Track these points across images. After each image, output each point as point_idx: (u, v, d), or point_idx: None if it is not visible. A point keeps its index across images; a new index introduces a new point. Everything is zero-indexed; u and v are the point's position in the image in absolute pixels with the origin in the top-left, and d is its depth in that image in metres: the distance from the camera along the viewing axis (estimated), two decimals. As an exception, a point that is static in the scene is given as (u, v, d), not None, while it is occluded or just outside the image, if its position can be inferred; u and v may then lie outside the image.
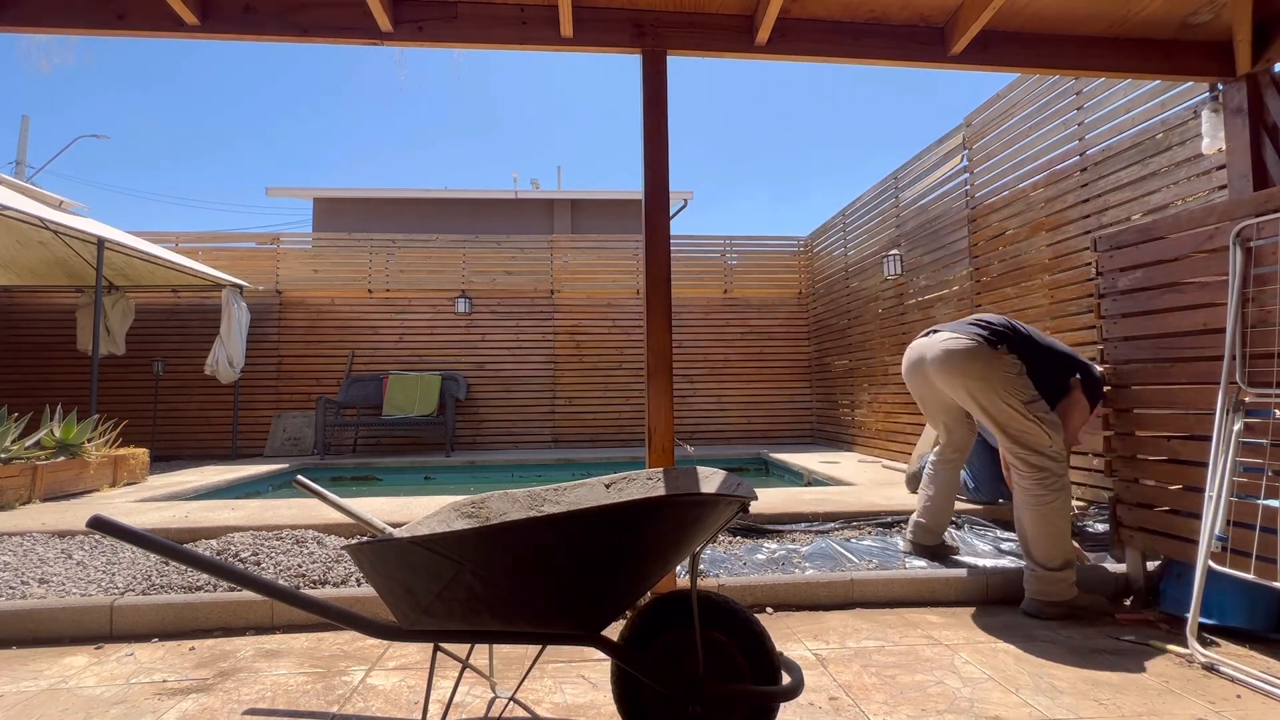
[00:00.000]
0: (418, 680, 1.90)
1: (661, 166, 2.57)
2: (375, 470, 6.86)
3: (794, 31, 2.69)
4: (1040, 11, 2.68)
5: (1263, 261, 2.07)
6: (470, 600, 1.28)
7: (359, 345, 8.12)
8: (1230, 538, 2.07)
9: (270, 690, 1.85)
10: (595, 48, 2.64)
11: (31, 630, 2.25)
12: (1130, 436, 2.57)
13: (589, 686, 1.85)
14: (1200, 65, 2.86)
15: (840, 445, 7.57)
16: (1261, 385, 2.06)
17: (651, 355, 2.51)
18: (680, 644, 1.40)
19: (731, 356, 8.54)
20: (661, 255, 2.55)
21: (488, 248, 8.43)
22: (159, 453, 7.44)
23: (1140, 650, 2.09)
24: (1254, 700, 1.75)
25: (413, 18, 2.58)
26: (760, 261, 8.78)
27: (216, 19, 2.52)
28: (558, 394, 8.28)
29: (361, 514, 1.69)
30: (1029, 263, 4.43)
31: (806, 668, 1.97)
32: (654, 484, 1.64)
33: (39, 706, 1.76)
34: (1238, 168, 2.78)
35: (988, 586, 2.58)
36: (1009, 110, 4.66)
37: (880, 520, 3.45)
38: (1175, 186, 3.39)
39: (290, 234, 8.31)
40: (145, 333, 7.79)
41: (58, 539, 3.14)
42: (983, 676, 1.90)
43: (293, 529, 3.18)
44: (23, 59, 14.99)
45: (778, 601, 2.52)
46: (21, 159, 14.65)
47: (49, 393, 7.52)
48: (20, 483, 4.05)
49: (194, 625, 2.33)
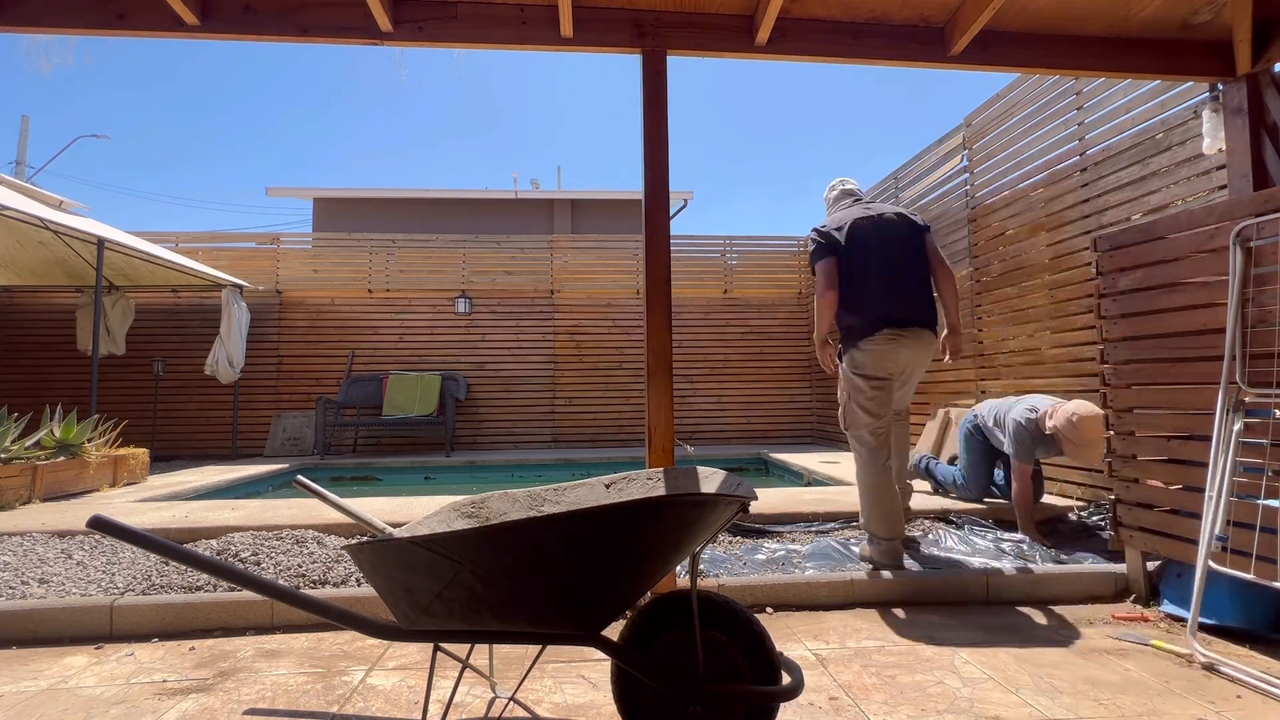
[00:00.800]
0: (418, 680, 1.90)
1: (661, 166, 2.57)
2: (375, 470, 6.86)
3: (794, 31, 2.69)
4: (1040, 11, 2.68)
5: (1263, 261, 2.07)
6: (470, 600, 1.28)
7: (359, 345, 8.12)
8: (1230, 538, 2.07)
9: (270, 690, 1.85)
10: (595, 48, 2.64)
11: (31, 630, 2.26)
12: (1130, 437, 2.57)
13: (589, 686, 1.85)
14: (1200, 65, 2.86)
15: (840, 445, 7.56)
16: (1261, 385, 2.06)
17: (651, 355, 2.51)
18: (680, 644, 1.40)
19: (731, 356, 8.54)
20: (661, 255, 2.55)
21: (487, 248, 8.43)
22: (159, 453, 7.43)
23: (1140, 650, 2.09)
24: (1254, 700, 1.75)
25: (413, 18, 2.58)
26: (760, 261, 8.78)
27: (216, 19, 2.52)
28: (558, 394, 8.28)
29: (361, 514, 1.69)
30: (1029, 263, 4.43)
31: (806, 667, 1.97)
32: (654, 484, 1.64)
33: (39, 706, 1.76)
34: (1238, 168, 2.78)
35: (988, 586, 2.58)
36: (1009, 110, 4.66)
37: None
38: (1175, 186, 3.39)
39: (290, 234, 8.31)
40: (145, 333, 7.79)
41: (58, 539, 3.14)
42: (983, 676, 1.90)
43: (293, 529, 3.18)
44: (23, 59, 15.01)
45: (778, 601, 2.52)
46: (21, 159, 14.65)
47: (49, 393, 7.52)
48: (20, 483, 4.05)
49: (194, 625, 2.33)
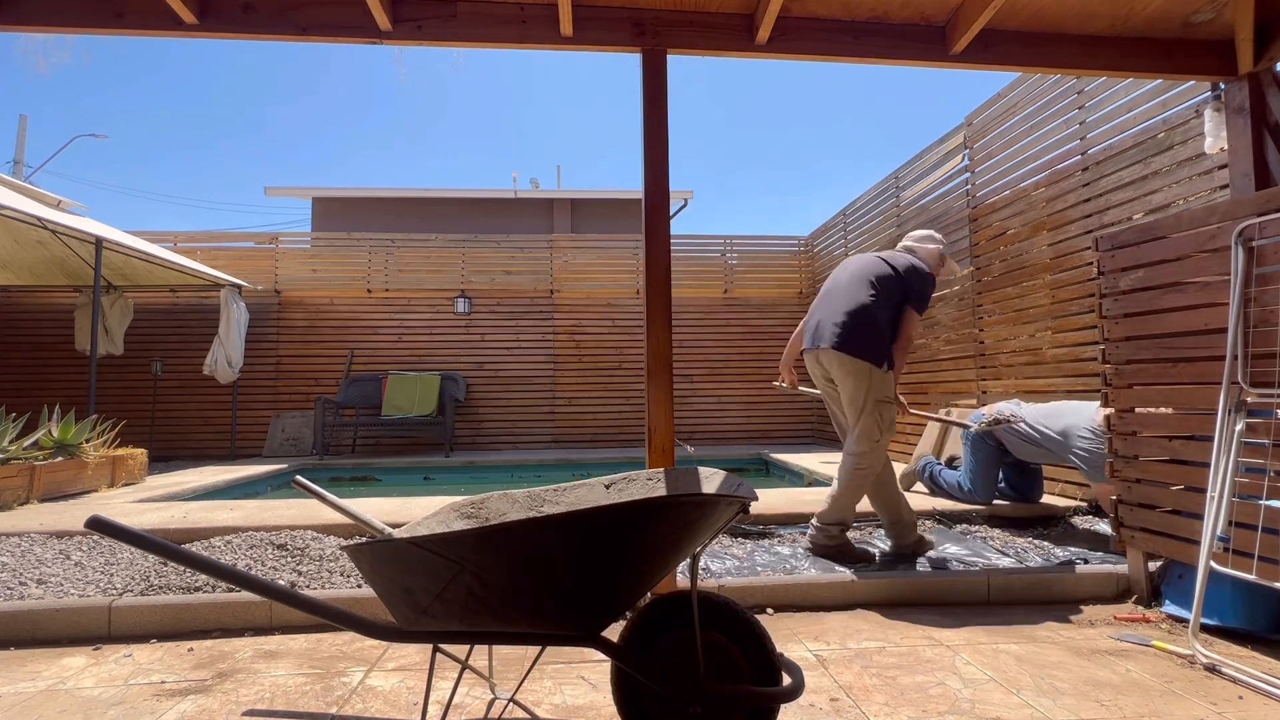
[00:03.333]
0: (417, 681, 1.90)
1: (661, 166, 2.56)
2: (374, 471, 6.85)
3: (794, 30, 2.68)
4: (1041, 10, 2.67)
5: (1265, 261, 2.07)
6: (470, 601, 1.27)
7: (358, 345, 8.11)
8: (1232, 538, 2.06)
9: (269, 691, 1.84)
10: (595, 47, 2.64)
11: (30, 631, 2.25)
12: (1132, 437, 2.57)
13: (589, 687, 1.84)
14: (1202, 64, 2.85)
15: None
16: (1263, 385, 2.05)
17: (651, 355, 2.50)
18: (681, 645, 1.40)
19: (731, 356, 8.53)
20: (661, 255, 2.54)
21: (487, 247, 8.42)
22: (157, 453, 7.42)
23: (1142, 651, 2.09)
24: (1256, 701, 1.74)
25: (412, 16, 2.57)
26: (760, 261, 8.77)
27: (215, 18, 2.51)
28: (557, 394, 8.27)
29: (360, 514, 1.68)
30: (1030, 262, 4.43)
31: (807, 668, 1.97)
32: (654, 484, 1.63)
33: (37, 708, 1.75)
34: (1240, 167, 2.78)
35: (989, 587, 2.57)
36: (1010, 109, 4.66)
37: (880, 520, 3.44)
38: (1177, 186, 3.39)
39: (289, 233, 8.30)
40: (143, 332, 7.78)
41: (56, 539, 3.13)
42: (984, 677, 1.89)
43: (291, 529, 3.17)
44: (20, 58, 14.97)
45: (778, 602, 2.52)
46: (20, 158, 14.63)
47: (47, 393, 7.50)
48: (18, 483, 4.04)
49: (192, 626, 2.32)
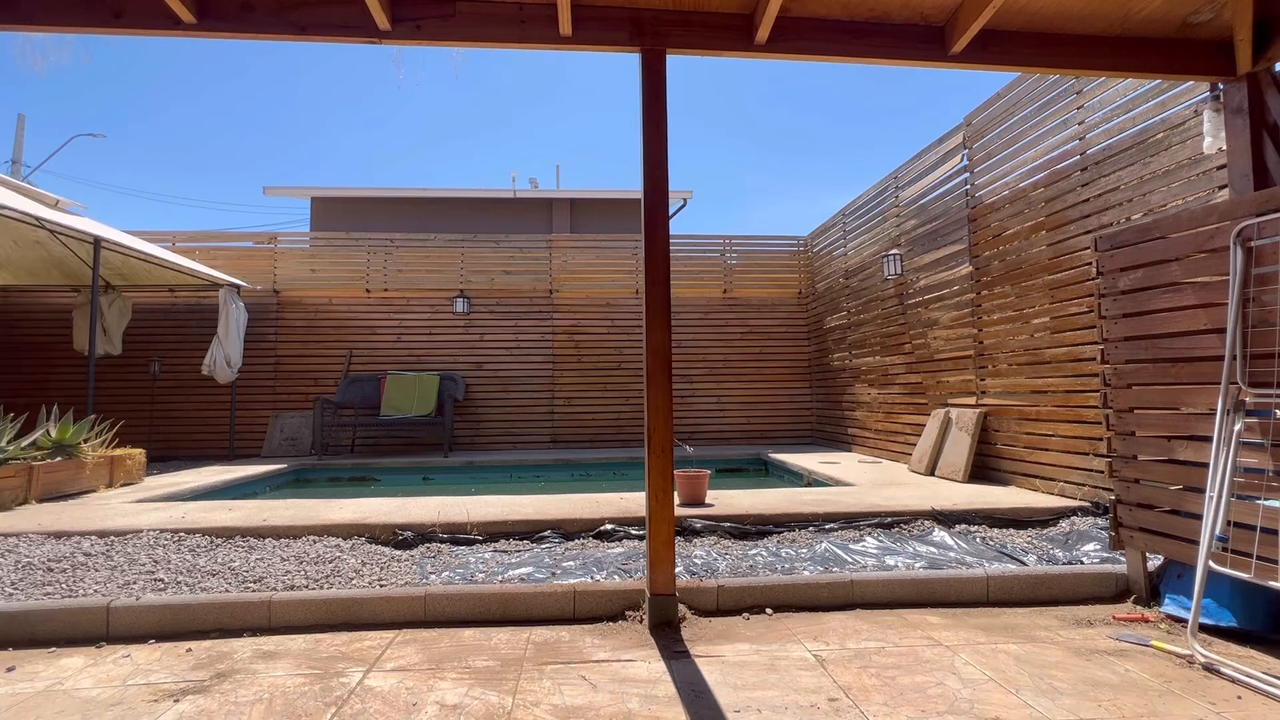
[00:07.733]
0: (416, 681, 1.89)
1: (661, 166, 2.56)
2: (373, 471, 6.84)
3: (794, 30, 2.68)
4: (1040, 11, 2.67)
5: (1263, 261, 2.07)
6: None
7: (357, 345, 8.10)
8: (1231, 538, 2.06)
9: (268, 692, 1.84)
10: (594, 46, 2.63)
11: (29, 631, 2.24)
12: (1130, 437, 2.57)
13: (589, 688, 1.84)
14: (1201, 65, 2.85)
15: (840, 445, 7.56)
16: (1262, 385, 2.05)
17: (651, 355, 2.50)
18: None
19: (731, 356, 8.53)
20: (661, 255, 2.54)
21: (486, 247, 8.42)
22: (156, 453, 7.40)
23: (1140, 651, 2.09)
24: (1255, 701, 1.74)
25: (411, 16, 2.56)
26: (760, 261, 8.77)
27: (213, 17, 2.51)
28: (556, 394, 8.27)
29: None
30: (1029, 262, 4.43)
31: (806, 669, 1.97)
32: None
33: (35, 708, 1.75)
34: (1238, 167, 2.78)
35: (988, 587, 2.58)
36: (1009, 109, 4.66)
37: (881, 521, 3.45)
38: (1176, 186, 3.39)
39: (288, 233, 8.30)
40: (142, 332, 7.77)
41: (54, 540, 3.13)
42: (983, 678, 1.89)
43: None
44: (18, 58, 14.97)
45: (777, 602, 2.51)
46: (18, 158, 14.60)
47: (45, 393, 7.48)
48: (16, 483, 4.04)
49: (191, 626, 2.32)
